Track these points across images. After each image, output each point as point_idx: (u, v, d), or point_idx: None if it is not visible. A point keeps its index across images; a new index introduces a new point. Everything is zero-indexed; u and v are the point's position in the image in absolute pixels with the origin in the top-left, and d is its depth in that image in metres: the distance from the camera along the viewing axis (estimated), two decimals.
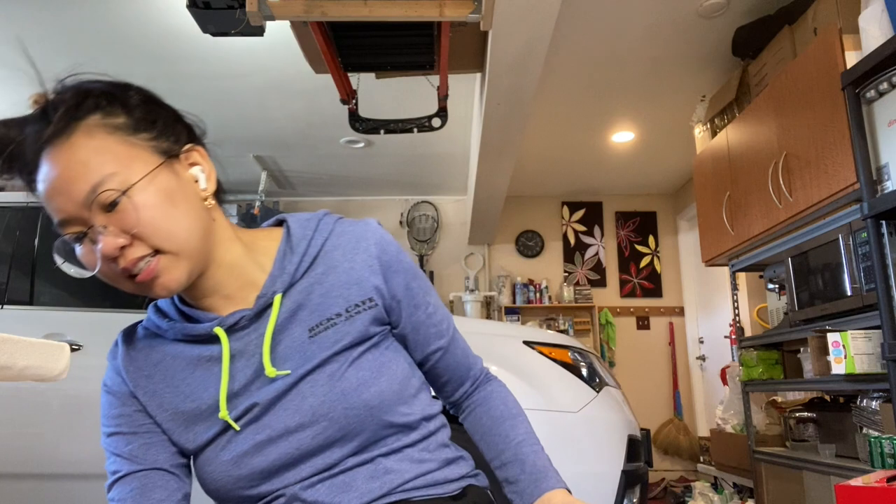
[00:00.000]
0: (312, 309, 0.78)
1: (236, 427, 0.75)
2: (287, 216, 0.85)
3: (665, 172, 5.29)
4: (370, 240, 0.81)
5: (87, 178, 0.67)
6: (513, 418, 0.87)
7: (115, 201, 0.68)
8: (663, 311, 5.62)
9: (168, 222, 0.70)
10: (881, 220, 2.11)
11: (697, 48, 3.32)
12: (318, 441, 0.75)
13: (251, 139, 4.49)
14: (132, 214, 0.68)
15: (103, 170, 0.68)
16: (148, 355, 0.81)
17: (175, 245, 0.70)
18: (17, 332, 0.91)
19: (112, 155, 0.69)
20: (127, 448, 0.78)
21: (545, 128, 4.34)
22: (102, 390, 0.82)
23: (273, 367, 0.75)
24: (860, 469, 2.12)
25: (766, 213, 2.82)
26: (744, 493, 3.42)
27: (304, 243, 0.80)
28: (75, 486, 2.16)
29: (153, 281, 0.70)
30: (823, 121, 2.38)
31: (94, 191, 0.67)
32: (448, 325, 0.88)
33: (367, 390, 0.76)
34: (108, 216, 0.68)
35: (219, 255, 0.77)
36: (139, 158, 0.70)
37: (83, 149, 0.68)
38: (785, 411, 2.96)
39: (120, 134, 0.71)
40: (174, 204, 0.71)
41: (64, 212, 0.69)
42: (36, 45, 3.25)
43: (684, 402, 5.45)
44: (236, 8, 2.20)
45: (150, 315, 0.82)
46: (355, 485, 0.75)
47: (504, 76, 2.75)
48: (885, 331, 2.03)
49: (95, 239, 0.69)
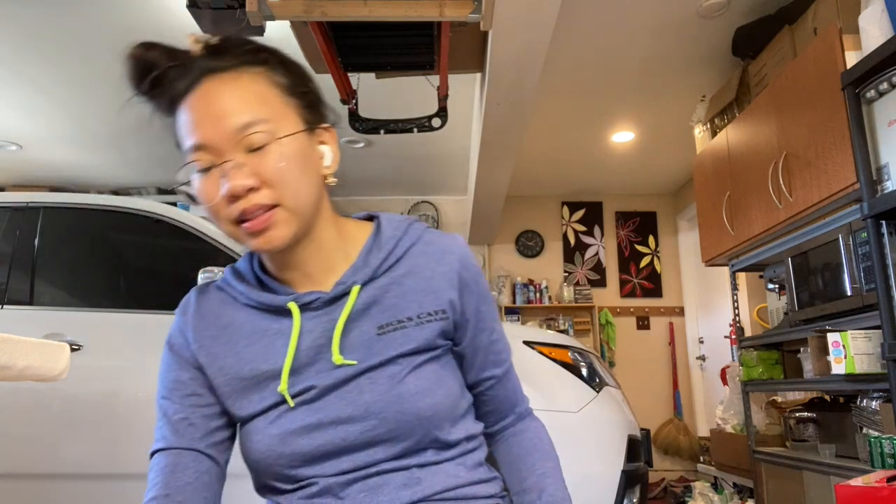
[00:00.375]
0: (385, 307, 0.79)
1: (291, 403, 0.76)
2: (379, 213, 0.87)
3: (665, 172, 5.29)
4: (455, 254, 0.83)
5: (243, 114, 0.71)
6: (544, 454, 0.87)
7: (262, 145, 0.71)
8: (663, 311, 5.62)
9: (297, 181, 0.73)
10: (881, 220, 2.11)
11: (697, 48, 3.32)
12: (364, 438, 0.75)
13: None
14: (272, 162, 0.71)
15: (260, 113, 0.72)
16: (217, 317, 0.82)
17: (295, 204, 0.73)
18: (17, 332, 0.91)
19: (269, 105, 0.73)
20: (173, 418, 0.79)
21: (545, 128, 4.34)
22: (165, 347, 0.83)
23: (340, 355, 0.76)
24: (860, 469, 2.12)
25: (766, 213, 2.82)
26: (744, 493, 3.42)
27: (392, 242, 0.82)
28: (75, 486, 2.16)
29: (263, 231, 0.72)
30: (823, 121, 2.38)
31: (247, 128, 0.71)
32: (506, 357, 0.89)
33: (422, 400, 0.76)
34: (249, 156, 0.71)
35: (316, 231, 0.79)
36: (288, 118, 0.75)
37: (246, 89, 0.73)
38: (785, 411, 2.96)
39: (279, 90, 0.75)
40: (305, 168, 0.75)
41: (205, 138, 0.71)
42: (36, 44, 3.24)
43: (684, 402, 5.45)
44: (236, 8, 2.20)
45: (227, 276, 0.84)
46: (387, 489, 0.75)
47: (504, 76, 2.75)
48: (885, 331, 2.03)
49: (226, 174, 0.70)
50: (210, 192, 0.72)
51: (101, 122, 4.18)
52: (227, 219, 0.72)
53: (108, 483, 2.16)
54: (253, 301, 0.80)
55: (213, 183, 0.72)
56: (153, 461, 0.79)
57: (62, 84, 3.65)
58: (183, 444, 0.78)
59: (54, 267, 2.44)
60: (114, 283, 2.59)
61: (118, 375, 2.21)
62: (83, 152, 4.68)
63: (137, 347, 2.23)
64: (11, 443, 2.17)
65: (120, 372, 2.22)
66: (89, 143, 4.52)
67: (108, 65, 3.46)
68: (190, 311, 0.83)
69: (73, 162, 4.86)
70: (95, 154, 4.72)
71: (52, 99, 3.83)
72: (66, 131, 4.31)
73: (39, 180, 5.21)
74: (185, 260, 2.38)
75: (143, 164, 4.94)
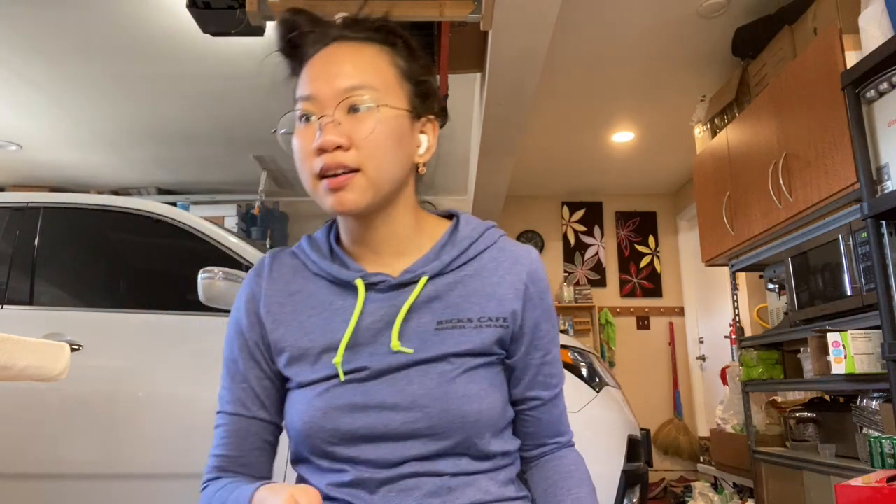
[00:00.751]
0: (448, 304, 0.79)
1: (342, 377, 0.76)
2: (459, 212, 0.90)
3: (665, 172, 5.29)
4: (525, 265, 0.83)
5: (354, 77, 0.75)
6: (580, 480, 0.84)
7: (361, 107, 0.74)
8: (663, 311, 5.62)
9: (386, 154, 0.75)
10: (881, 220, 2.11)
11: (697, 48, 3.32)
12: (405, 428, 0.75)
13: (251, 139, 4.49)
14: (367, 127, 0.73)
15: (370, 80, 0.75)
16: (288, 283, 0.84)
17: (377, 175, 0.75)
18: (17, 332, 0.91)
19: (382, 77, 0.76)
20: (240, 385, 0.82)
21: (545, 128, 4.34)
22: (233, 309, 0.86)
23: (398, 341, 0.77)
24: (860, 469, 2.12)
25: (766, 213, 2.82)
26: (744, 493, 3.42)
27: (467, 242, 0.83)
28: (75, 486, 2.16)
29: (339, 191, 0.73)
30: (823, 121, 2.38)
31: (354, 90, 0.74)
32: (557, 383, 0.87)
33: (469, 404, 0.76)
34: (347, 117, 0.74)
35: (395, 213, 0.81)
36: (397, 95, 0.77)
37: (366, 59, 0.77)
38: (785, 411, 2.96)
39: (396, 70, 0.78)
40: (398, 146, 0.77)
41: (315, 91, 0.75)
42: (36, 44, 3.24)
43: (684, 402, 5.45)
44: (236, 8, 2.20)
45: (303, 243, 0.86)
46: (417, 493, 0.75)
47: (504, 76, 2.75)
48: (885, 331, 2.03)
49: (322, 127, 0.73)
50: (304, 142, 0.75)
51: (101, 122, 4.18)
52: (311, 171, 0.74)
53: (108, 483, 2.16)
54: (323, 271, 0.82)
55: (309, 134, 0.75)
56: (219, 420, 0.82)
57: (62, 84, 3.65)
58: (250, 412, 0.82)
59: (54, 267, 2.44)
60: (114, 283, 2.59)
61: (118, 375, 2.21)
62: (83, 152, 4.68)
63: (137, 347, 2.23)
64: (11, 443, 2.17)
65: (120, 372, 2.22)
66: (89, 143, 4.52)
67: (109, 65, 3.46)
68: (264, 273, 0.85)
69: (73, 162, 4.86)
70: (95, 154, 4.72)
71: (52, 99, 3.83)
72: (66, 131, 4.31)
73: (39, 180, 5.21)
74: (185, 260, 2.38)
75: (143, 164, 4.94)
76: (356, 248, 0.83)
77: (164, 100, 3.89)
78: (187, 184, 5.41)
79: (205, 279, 2.10)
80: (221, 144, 4.58)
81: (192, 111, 4.05)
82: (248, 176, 5.09)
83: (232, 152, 4.72)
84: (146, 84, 3.69)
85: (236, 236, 2.45)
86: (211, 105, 3.95)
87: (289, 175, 5.20)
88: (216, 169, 5.08)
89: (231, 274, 2.11)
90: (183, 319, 2.29)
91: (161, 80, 3.63)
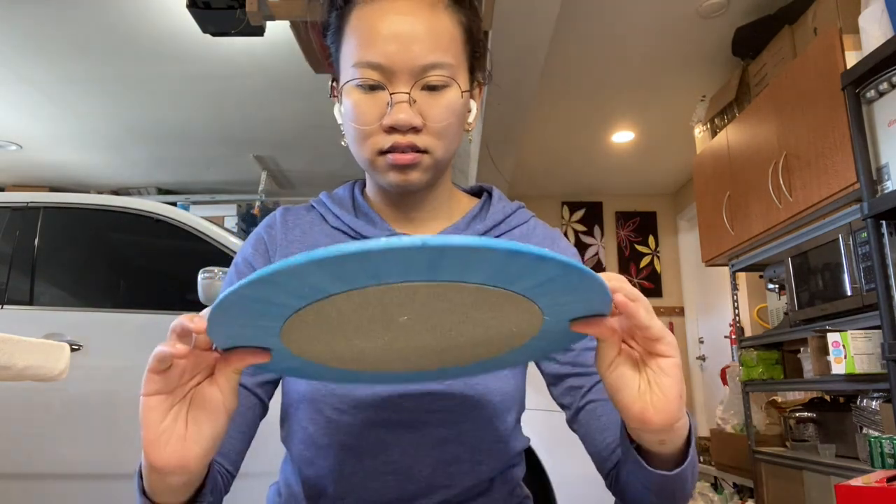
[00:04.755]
0: None
1: None
2: (492, 187, 0.86)
3: (665, 172, 5.29)
4: (561, 247, 0.82)
5: (433, 49, 0.68)
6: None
7: (441, 89, 0.69)
8: (663, 311, 5.62)
9: (453, 135, 0.72)
10: (881, 220, 2.11)
11: (697, 48, 3.32)
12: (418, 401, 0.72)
13: (251, 139, 4.49)
14: (443, 110, 0.69)
15: (447, 57, 0.69)
16: (305, 234, 0.79)
17: (444, 156, 0.72)
18: (17, 332, 0.91)
19: (455, 49, 0.70)
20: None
21: (545, 128, 4.34)
22: (232, 266, 0.79)
23: None
24: (860, 469, 2.12)
25: (766, 213, 2.82)
26: (744, 493, 3.42)
27: (499, 216, 0.80)
28: (75, 487, 2.16)
29: (406, 168, 0.69)
30: (823, 121, 2.38)
31: (434, 68, 0.68)
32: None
33: (493, 382, 0.73)
34: (422, 94, 0.68)
35: (437, 180, 0.77)
36: (463, 67, 0.73)
37: (441, 22, 0.69)
38: (785, 411, 2.96)
39: (462, 31, 0.72)
40: (461, 123, 0.73)
41: (387, 60, 0.67)
42: (36, 44, 3.24)
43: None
44: (236, 8, 2.20)
45: (323, 197, 0.82)
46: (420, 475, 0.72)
47: (504, 76, 2.75)
48: (885, 331, 2.03)
49: (396, 104, 0.67)
50: (369, 113, 0.68)
51: (101, 122, 4.18)
52: (374, 146, 0.69)
53: (108, 483, 2.16)
54: (345, 225, 0.78)
55: (376, 105, 0.68)
56: None
57: (62, 84, 3.65)
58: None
59: (54, 267, 2.44)
60: (114, 283, 2.59)
61: (118, 375, 2.21)
62: (83, 152, 4.68)
63: (137, 347, 2.23)
64: (11, 443, 2.17)
65: (120, 372, 2.22)
66: (89, 143, 4.52)
67: (109, 65, 3.46)
68: (277, 225, 0.79)
69: (73, 162, 4.86)
70: (95, 154, 4.72)
71: (52, 99, 3.83)
72: (66, 131, 4.31)
73: (39, 180, 5.21)
74: (185, 260, 2.38)
75: (143, 164, 4.94)
76: (386, 208, 0.79)
77: (164, 100, 3.89)
78: (187, 184, 5.41)
79: (205, 279, 2.10)
80: (221, 144, 4.58)
81: (192, 111, 4.05)
82: (248, 176, 5.09)
83: (232, 152, 4.72)
84: (146, 84, 3.69)
85: (236, 236, 2.45)
86: (211, 105, 3.95)
87: (289, 175, 5.20)
88: (216, 169, 5.08)
89: None
90: None
91: (161, 80, 3.63)
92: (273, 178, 5.18)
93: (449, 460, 0.73)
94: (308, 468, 0.75)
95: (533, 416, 1.05)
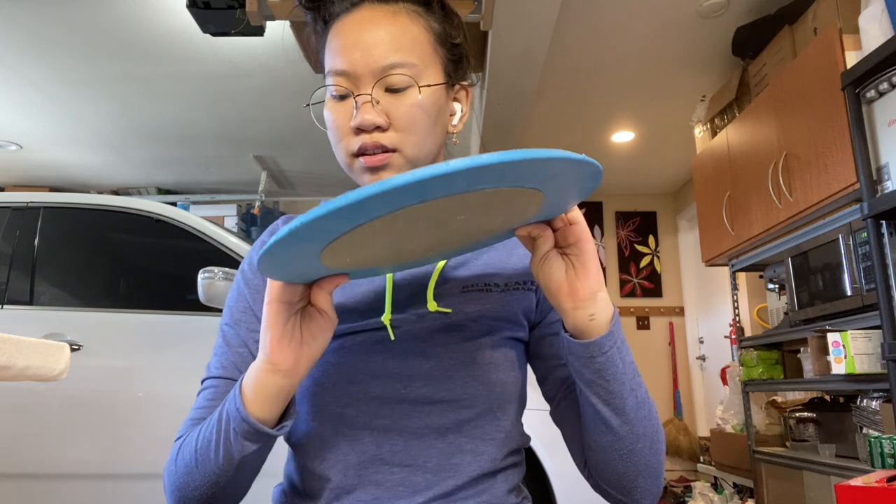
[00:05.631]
0: (473, 270, 0.79)
1: (392, 336, 0.74)
2: None
3: (665, 172, 5.29)
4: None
5: (393, 51, 0.70)
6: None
7: (402, 88, 0.71)
8: (663, 311, 5.62)
9: (424, 132, 0.73)
10: (881, 220, 2.11)
11: (697, 48, 3.32)
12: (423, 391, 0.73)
13: (251, 139, 4.49)
14: (407, 107, 0.71)
15: (408, 56, 0.71)
16: None
17: (415, 154, 0.72)
18: (17, 332, 0.91)
19: (419, 50, 0.72)
20: (236, 350, 0.78)
21: (545, 128, 4.34)
22: (239, 273, 0.82)
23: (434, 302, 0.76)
24: (860, 469, 2.12)
25: (766, 213, 2.82)
26: (744, 493, 3.42)
27: None
28: (75, 486, 2.16)
29: (377, 170, 0.72)
30: (823, 121, 2.39)
31: (393, 67, 0.70)
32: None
33: (494, 373, 0.75)
34: (385, 95, 0.71)
35: None
36: (433, 67, 0.74)
37: (402, 28, 0.72)
38: (785, 411, 2.96)
39: (431, 36, 0.74)
40: (435, 122, 0.74)
41: (350, 66, 0.71)
42: (36, 44, 3.24)
43: (684, 402, 5.45)
44: (236, 8, 2.20)
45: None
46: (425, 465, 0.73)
47: (504, 76, 2.75)
48: (885, 331, 2.04)
49: (359, 106, 0.70)
50: (340, 119, 0.72)
51: (101, 122, 4.19)
52: (347, 149, 0.72)
53: (108, 483, 2.16)
54: None
55: (345, 111, 0.72)
56: (206, 384, 0.78)
57: (62, 84, 3.65)
58: (236, 376, 0.77)
59: (54, 267, 2.44)
60: (114, 283, 2.59)
61: (118, 375, 2.21)
62: (83, 152, 4.68)
63: (137, 347, 2.23)
64: (11, 443, 2.17)
65: (120, 372, 2.22)
66: (89, 143, 4.53)
67: (109, 65, 3.46)
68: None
69: (73, 162, 4.86)
70: (95, 154, 4.72)
71: (52, 99, 3.83)
72: (66, 131, 4.31)
73: (39, 180, 5.22)
74: (185, 260, 2.39)
75: (143, 164, 4.94)
76: None
77: (164, 100, 3.89)
78: (187, 184, 5.41)
79: (205, 279, 2.10)
80: (221, 144, 4.58)
81: (192, 111, 4.05)
82: (248, 176, 5.09)
83: (232, 152, 4.72)
84: (146, 84, 3.69)
85: (236, 236, 2.45)
86: (211, 105, 3.96)
87: (289, 175, 5.20)
88: (216, 169, 5.08)
89: (231, 274, 2.12)
90: (183, 319, 2.30)
91: (161, 80, 3.63)
92: (273, 178, 5.18)
93: (452, 450, 0.74)
94: (312, 464, 0.76)
95: (533, 416, 1.05)
